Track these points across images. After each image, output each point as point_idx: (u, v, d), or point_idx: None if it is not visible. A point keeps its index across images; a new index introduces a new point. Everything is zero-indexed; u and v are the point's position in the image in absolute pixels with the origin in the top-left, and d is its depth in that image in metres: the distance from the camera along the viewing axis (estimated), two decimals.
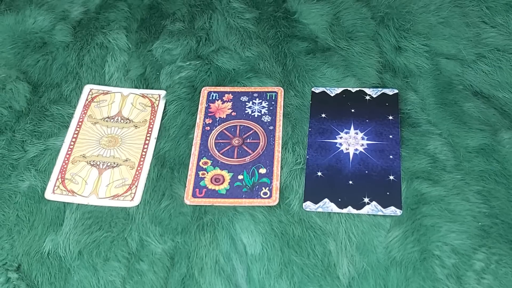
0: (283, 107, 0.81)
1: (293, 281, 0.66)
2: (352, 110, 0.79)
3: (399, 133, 0.76)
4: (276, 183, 0.73)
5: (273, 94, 0.82)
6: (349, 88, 0.81)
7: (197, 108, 0.82)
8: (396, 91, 0.80)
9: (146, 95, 0.84)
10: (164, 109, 0.82)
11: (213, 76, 0.85)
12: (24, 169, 0.76)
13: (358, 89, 0.81)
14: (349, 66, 0.84)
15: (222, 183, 0.74)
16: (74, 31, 0.91)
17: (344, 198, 0.71)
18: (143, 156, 0.77)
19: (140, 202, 0.73)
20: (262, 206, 0.71)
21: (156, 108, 0.82)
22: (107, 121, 0.82)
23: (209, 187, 0.74)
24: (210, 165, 0.76)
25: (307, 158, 0.75)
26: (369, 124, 0.78)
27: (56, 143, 0.79)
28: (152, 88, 0.85)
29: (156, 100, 0.83)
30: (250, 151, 0.77)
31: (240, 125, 0.80)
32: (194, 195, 0.73)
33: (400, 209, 0.70)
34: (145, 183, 0.75)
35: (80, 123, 0.81)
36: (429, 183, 0.71)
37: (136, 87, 0.85)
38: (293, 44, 0.87)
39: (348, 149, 0.76)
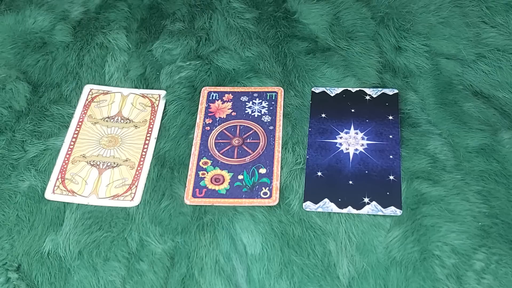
0: (283, 107, 0.81)
1: (293, 281, 0.66)
2: (352, 110, 0.79)
3: (399, 133, 0.76)
4: (276, 183, 0.73)
5: (273, 94, 0.82)
6: (349, 88, 0.81)
7: (197, 108, 0.82)
8: (396, 91, 0.80)
9: (146, 95, 0.84)
10: (164, 109, 0.82)
11: (213, 76, 0.85)
12: (24, 169, 0.76)
13: (358, 89, 0.81)
14: (349, 66, 0.84)
15: (222, 183, 0.74)
16: (74, 31, 0.91)
17: (344, 198, 0.71)
18: (143, 156, 0.77)
19: (140, 202, 0.73)
20: (262, 206, 0.71)
21: (156, 108, 0.82)
22: (107, 121, 0.82)
23: (209, 187, 0.74)
24: (210, 165, 0.76)
25: (307, 158, 0.75)
26: (369, 124, 0.78)
27: (56, 143, 0.79)
28: (152, 88, 0.85)
29: (156, 100, 0.83)
30: (250, 151, 0.76)
31: (240, 125, 0.80)
32: (194, 195, 0.73)
33: (400, 209, 0.69)
34: (145, 183, 0.75)
35: (80, 123, 0.81)
36: (429, 183, 0.71)
37: (136, 87, 0.85)
38: (293, 44, 0.87)
39: (348, 149, 0.75)
